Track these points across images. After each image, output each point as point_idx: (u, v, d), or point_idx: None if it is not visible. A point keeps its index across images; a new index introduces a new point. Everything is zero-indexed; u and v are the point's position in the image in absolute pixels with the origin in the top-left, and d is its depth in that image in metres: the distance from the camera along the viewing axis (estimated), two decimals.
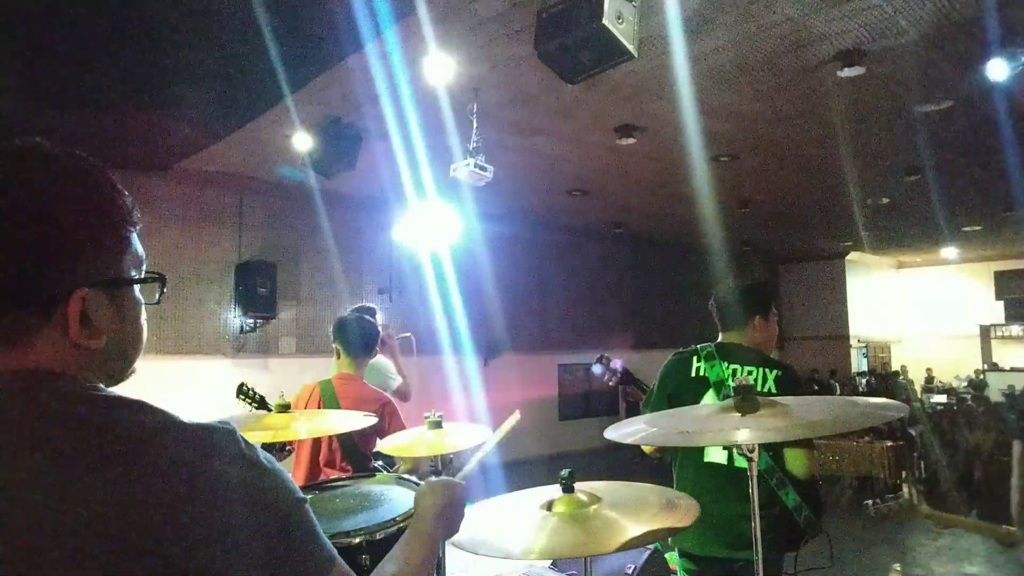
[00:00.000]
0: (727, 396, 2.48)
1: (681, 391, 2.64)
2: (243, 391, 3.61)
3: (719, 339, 2.75)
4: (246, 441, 0.82)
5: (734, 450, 2.44)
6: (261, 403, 3.61)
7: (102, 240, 0.84)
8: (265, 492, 0.79)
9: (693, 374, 2.64)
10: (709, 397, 2.57)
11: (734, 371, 2.55)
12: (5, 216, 0.78)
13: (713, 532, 2.44)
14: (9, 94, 5.27)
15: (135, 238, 0.90)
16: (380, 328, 4.33)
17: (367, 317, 3.41)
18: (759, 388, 2.47)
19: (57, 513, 0.69)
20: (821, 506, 2.53)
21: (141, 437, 0.76)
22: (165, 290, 0.95)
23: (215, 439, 0.79)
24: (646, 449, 2.70)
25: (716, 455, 2.54)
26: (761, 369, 2.55)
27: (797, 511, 2.42)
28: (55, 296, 0.80)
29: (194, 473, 0.75)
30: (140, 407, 0.80)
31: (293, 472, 3.22)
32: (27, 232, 0.78)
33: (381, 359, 4.15)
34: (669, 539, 2.61)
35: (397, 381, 4.19)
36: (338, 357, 3.31)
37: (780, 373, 2.53)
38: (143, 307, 0.92)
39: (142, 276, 0.91)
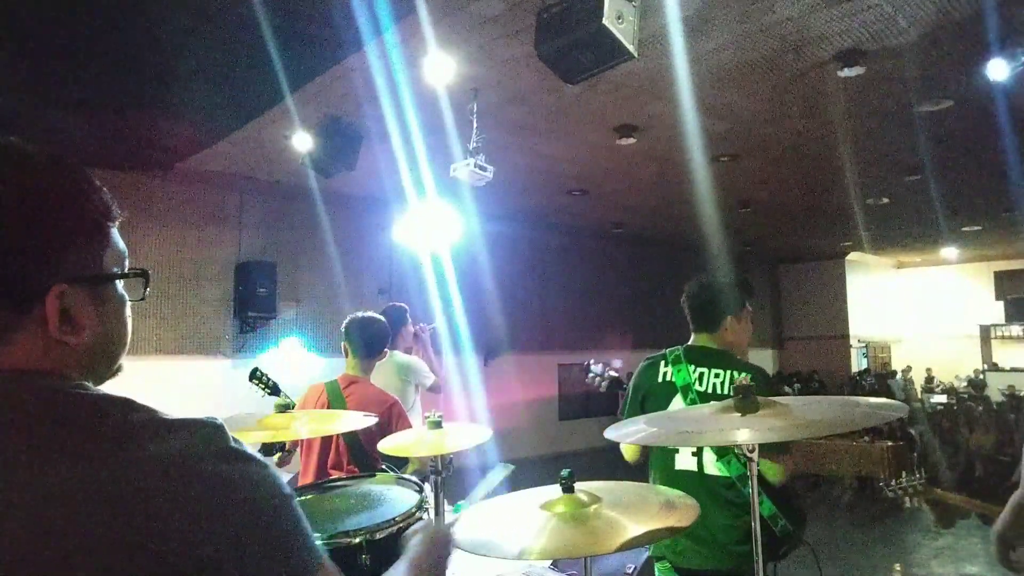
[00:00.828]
0: (694, 401, 2.46)
1: (651, 396, 2.59)
2: (256, 375, 3.56)
3: (690, 340, 2.67)
4: (234, 437, 0.82)
5: (703, 456, 2.43)
6: (274, 389, 3.56)
7: (78, 236, 0.84)
8: (252, 487, 0.79)
9: (660, 379, 2.58)
10: (677, 402, 2.52)
11: (701, 375, 2.51)
12: None
13: (690, 543, 2.39)
14: (9, 94, 5.28)
15: (115, 233, 0.90)
16: (412, 324, 4.37)
17: (378, 317, 3.38)
18: (724, 392, 2.42)
19: (45, 514, 0.69)
20: (801, 517, 2.46)
21: (127, 434, 0.76)
22: (149, 286, 0.95)
23: (202, 434, 0.79)
24: (627, 455, 2.64)
25: (685, 462, 2.47)
26: (728, 372, 2.49)
27: (773, 521, 2.37)
28: (32, 293, 0.80)
29: (180, 468, 0.75)
30: (126, 404, 0.80)
31: (301, 474, 3.21)
32: (0, 230, 0.78)
33: (414, 360, 4.16)
34: (651, 552, 2.55)
35: (431, 379, 4.19)
36: (347, 356, 3.30)
37: (748, 376, 2.46)
38: (128, 304, 0.92)
39: (124, 272, 0.91)
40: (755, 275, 16.40)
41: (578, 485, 1.61)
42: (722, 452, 2.39)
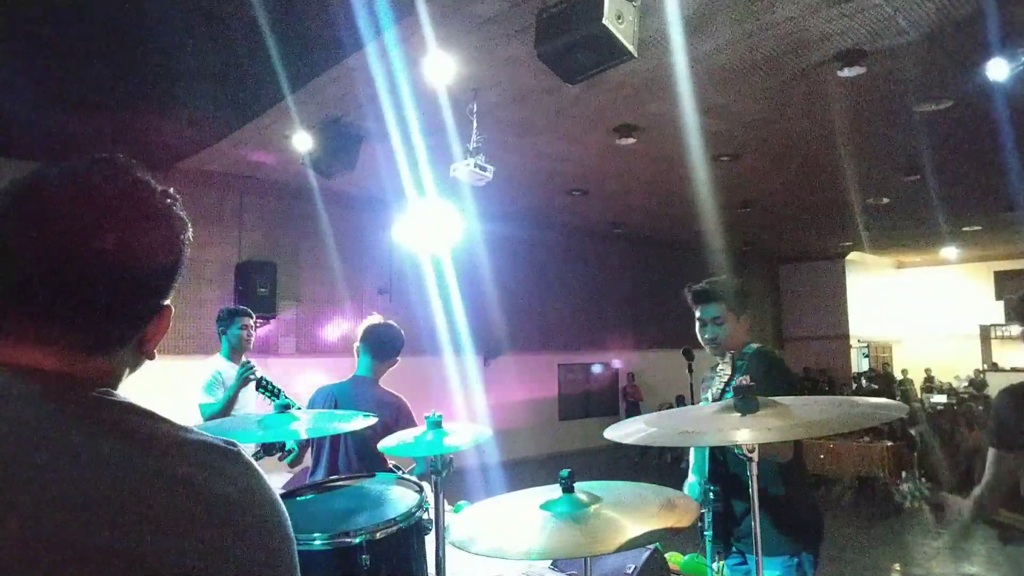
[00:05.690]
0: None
1: None
2: (262, 384, 3.85)
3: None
4: (254, 467, 0.81)
5: None
6: (277, 394, 3.84)
7: (184, 258, 0.91)
8: (259, 518, 0.78)
9: None
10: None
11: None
12: (128, 238, 0.82)
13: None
14: (11, 94, 5.28)
15: None
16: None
17: (391, 324, 3.45)
18: None
19: (50, 516, 0.68)
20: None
21: (148, 447, 0.75)
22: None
23: (220, 457, 0.79)
24: (782, 454, 2.32)
25: None
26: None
27: None
28: (154, 310, 0.87)
29: (190, 488, 0.74)
30: (150, 416, 0.80)
31: (311, 472, 3.27)
32: (148, 249, 0.83)
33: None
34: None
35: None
36: (358, 358, 3.39)
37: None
38: None
39: None
40: (755, 275, 16.41)
41: (578, 485, 1.61)
42: None
